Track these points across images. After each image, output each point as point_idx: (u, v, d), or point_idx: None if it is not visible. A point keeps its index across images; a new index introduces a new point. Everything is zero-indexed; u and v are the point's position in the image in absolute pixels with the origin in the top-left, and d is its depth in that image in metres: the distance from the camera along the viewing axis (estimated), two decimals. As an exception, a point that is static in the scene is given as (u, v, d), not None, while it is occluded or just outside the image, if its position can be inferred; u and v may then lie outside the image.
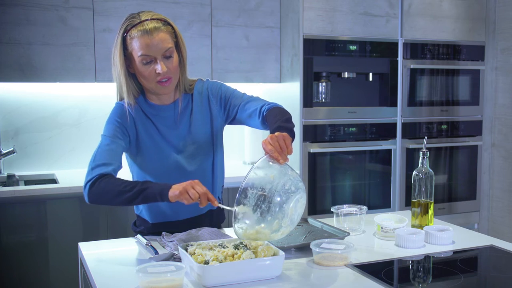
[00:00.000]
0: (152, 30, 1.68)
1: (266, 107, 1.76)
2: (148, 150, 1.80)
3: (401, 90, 3.47)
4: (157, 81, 1.72)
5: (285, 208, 1.44)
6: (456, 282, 1.46)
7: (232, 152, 3.51)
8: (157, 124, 1.81)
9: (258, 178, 1.46)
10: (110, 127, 1.75)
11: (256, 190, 1.44)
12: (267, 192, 1.44)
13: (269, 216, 1.43)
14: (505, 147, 3.70)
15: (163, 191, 1.55)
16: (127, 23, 1.72)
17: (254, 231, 1.45)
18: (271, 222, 1.44)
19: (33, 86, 3.11)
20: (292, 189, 1.46)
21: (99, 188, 1.62)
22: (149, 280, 1.30)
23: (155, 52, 1.69)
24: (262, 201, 1.44)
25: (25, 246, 2.66)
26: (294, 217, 1.46)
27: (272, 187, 1.44)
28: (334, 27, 3.26)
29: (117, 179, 1.64)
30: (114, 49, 1.75)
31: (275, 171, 1.46)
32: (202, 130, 1.85)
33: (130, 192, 1.58)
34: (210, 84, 1.90)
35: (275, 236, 1.47)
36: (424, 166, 1.85)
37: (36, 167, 3.17)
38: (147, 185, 1.59)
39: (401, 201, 3.52)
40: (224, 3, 3.23)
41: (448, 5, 3.56)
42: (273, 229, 1.45)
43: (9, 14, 2.80)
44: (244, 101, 1.85)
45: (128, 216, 2.78)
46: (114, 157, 1.69)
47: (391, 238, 1.78)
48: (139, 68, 1.72)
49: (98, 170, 1.65)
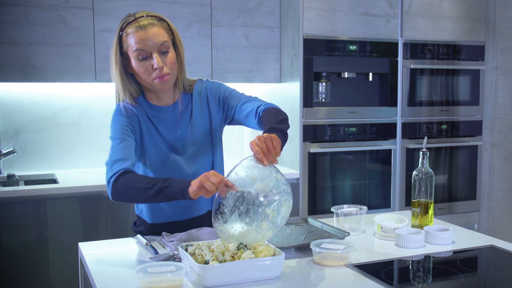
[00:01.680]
0: (146, 25, 1.69)
1: (263, 108, 1.75)
2: (149, 150, 1.80)
3: (401, 90, 3.48)
4: (154, 78, 1.72)
5: (264, 210, 1.39)
6: (456, 282, 1.46)
7: (231, 151, 3.50)
8: (157, 125, 1.81)
9: (239, 179, 1.42)
10: (117, 128, 1.74)
11: (234, 191, 1.41)
12: (245, 193, 1.40)
13: (247, 218, 1.40)
14: (505, 147, 3.70)
15: (184, 188, 1.52)
16: (123, 21, 1.73)
17: (236, 233, 1.42)
18: (250, 223, 1.40)
19: (33, 86, 3.11)
20: (274, 192, 1.41)
21: (122, 185, 1.60)
22: (149, 280, 1.30)
23: (150, 46, 1.69)
24: (240, 202, 1.40)
25: (25, 246, 2.66)
26: (276, 220, 1.42)
27: (252, 189, 1.40)
28: (334, 27, 3.26)
29: (138, 175, 1.62)
30: (112, 49, 1.75)
31: (257, 172, 1.43)
32: (201, 131, 1.85)
33: (152, 189, 1.55)
34: (209, 84, 1.90)
35: (257, 238, 1.43)
36: (424, 166, 1.85)
37: (36, 167, 3.17)
38: (168, 183, 1.56)
39: (401, 201, 3.52)
40: (224, 3, 3.23)
41: (448, 5, 3.56)
42: (253, 231, 1.41)
43: (9, 14, 2.80)
44: (241, 101, 1.84)
45: (128, 216, 2.78)
46: (129, 152, 1.68)
47: (391, 238, 1.78)
48: (136, 65, 1.72)
49: (118, 165, 1.63)
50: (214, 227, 1.43)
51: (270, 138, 1.47)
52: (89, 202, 2.74)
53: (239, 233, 1.41)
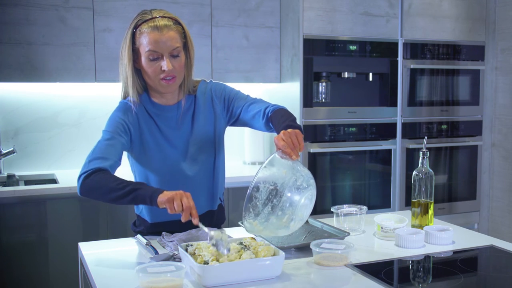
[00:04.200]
0: (163, 27, 1.70)
1: (271, 109, 1.78)
2: (150, 149, 1.80)
3: (401, 90, 3.47)
4: (161, 78, 1.73)
5: (296, 204, 1.45)
6: (456, 282, 1.46)
7: (232, 152, 3.50)
8: (160, 123, 1.81)
9: (271, 173, 1.47)
10: (111, 123, 1.75)
11: (268, 185, 1.45)
12: (279, 186, 1.45)
13: (279, 211, 1.44)
14: (505, 147, 3.70)
15: (154, 193, 1.54)
16: (138, 18, 1.73)
17: (263, 226, 1.45)
18: (281, 217, 1.45)
19: (33, 86, 3.11)
20: (304, 185, 1.47)
21: (93, 182, 1.61)
22: (149, 280, 1.30)
23: (162, 49, 1.70)
24: (273, 196, 1.45)
25: (25, 246, 2.66)
26: (304, 214, 1.47)
27: (284, 182, 1.45)
28: (334, 27, 3.26)
29: (112, 176, 1.63)
30: (123, 43, 1.75)
31: (287, 166, 1.48)
32: (204, 131, 1.86)
33: (122, 190, 1.57)
34: (214, 85, 1.91)
35: (284, 231, 1.48)
36: (424, 166, 1.85)
37: (36, 167, 3.17)
38: (140, 186, 1.58)
39: (401, 201, 3.52)
40: (224, 3, 3.23)
41: (448, 5, 3.56)
42: (282, 224, 1.45)
43: (9, 14, 2.80)
44: (248, 102, 1.86)
45: (128, 216, 2.78)
46: (113, 152, 1.69)
47: (391, 238, 1.78)
48: (145, 64, 1.72)
49: (95, 163, 1.64)
50: (243, 220, 1.47)
51: (295, 133, 1.53)
52: (89, 202, 2.74)
53: (266, 226, 1.46)
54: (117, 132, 1.73)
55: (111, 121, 1.77)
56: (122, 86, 1.82)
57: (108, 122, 1.77)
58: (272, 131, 1.78)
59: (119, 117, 1.76)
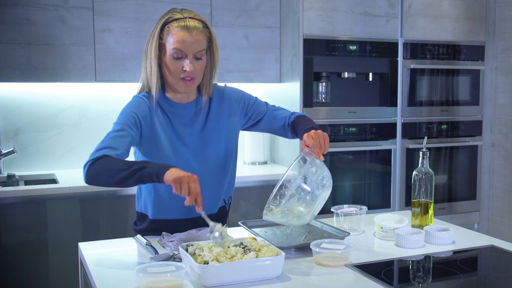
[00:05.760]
0: (192, 28, 1.73)
1: (295, 115, 1.92)
2: (162, 144, 1.80)
3: (401, 90, 3.48)
4: (181, 78, 1.75)
5: (316, 199, 1.59)
6: (456, 282, 1.46)
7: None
8: (173, 120, 1.82)
9: (302, 168, 1.61)
10: (123, 116, 1.76)
11: (301, 176, 1.59)
12: (308, 181, 1.59)
13: (304, 203, 1.59)
14: (505, 147, 3.70)
15: (161, 170, 1.52)
16: (169, 15, 1.76)
17: (282, 213, 1.58)
18: (303, 209, 1.58)
19: (33, 86, 3.11)
20: (327, 185, 1.61)
21: (97, 168, 1.59)
22: (149, 280, 1.30)
23: (188, 49, 1.73)
24: (302, 189, 1.59)
25: (25, 246, 2.66)
26: (318, 210, 1.61)
27: (313, 178, 1.60)
28: (334, 27, 3.26)
29: (117, 159, 1.61)
30: (150, 38, 1.77)
31: (316, 165, 1.62)
32: (216, 132, 1.87)
33: (127, 170, 1.55)
34: (231, 89, 1.96)
35: (297, 221, 1.61)
36: (424, 166, 1.86)
37: (36, 167, 3.17)
38: (146, 164, 1.56)
39: (401, 201, 3.52)
40: (224, 3, 3.23)
41: (448, 5, 3.56)
42: (300, 215, 1.58)
43: (9, 14, 2.80)
44: (270, 109, 1.97)
45: (128, 216, 2.78)
46: (121, 143, 1.68)
47: (391, 238, 1.78)
48: (168, 61, 1.75)
49: (102, 152, 1.63)
50: (267, 204, 1.59)
51: (323, 135, 1.66)
52: (89, 202, 2.74)
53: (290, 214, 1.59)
54: (127, 124, 1.73)
55: (123, 114, 1.77)
56: (141, 80, 1.83)
57: (120, 115, 1.77)
58: (294, 137, 1.90)
59: (131, 111, 1.77)
